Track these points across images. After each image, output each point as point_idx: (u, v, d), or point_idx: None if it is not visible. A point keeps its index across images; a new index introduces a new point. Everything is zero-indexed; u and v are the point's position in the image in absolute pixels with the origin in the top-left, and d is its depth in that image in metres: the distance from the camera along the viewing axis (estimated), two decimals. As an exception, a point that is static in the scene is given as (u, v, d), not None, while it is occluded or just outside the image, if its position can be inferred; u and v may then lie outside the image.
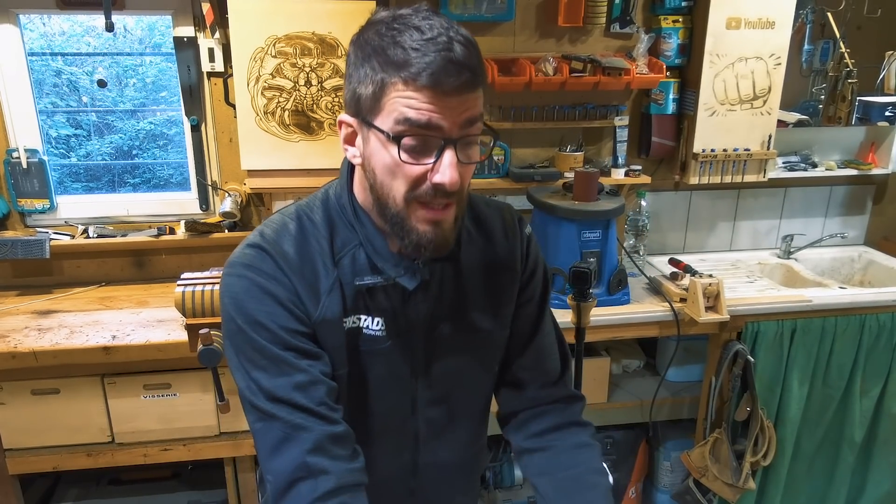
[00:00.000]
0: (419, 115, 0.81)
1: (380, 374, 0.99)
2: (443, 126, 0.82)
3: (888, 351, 2.28)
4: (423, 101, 0.81)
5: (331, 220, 0.96)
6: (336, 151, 2.24)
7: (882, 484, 2.47)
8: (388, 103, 0.82)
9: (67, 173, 2.84)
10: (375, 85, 0.83)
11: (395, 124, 0.82)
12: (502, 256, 1.05)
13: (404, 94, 0.81)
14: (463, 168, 0.85)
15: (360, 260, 0.95)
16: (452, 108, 0.82)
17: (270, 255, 0.92)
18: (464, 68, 0.80)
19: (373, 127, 0.84)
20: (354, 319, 0.96)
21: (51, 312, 2.13)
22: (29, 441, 2.01)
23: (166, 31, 2.38)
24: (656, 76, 2.33)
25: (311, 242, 0.94)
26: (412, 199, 0.86)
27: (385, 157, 0.85)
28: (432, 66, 0.79)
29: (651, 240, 2.60)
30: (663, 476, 2.53)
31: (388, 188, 0.87)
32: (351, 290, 0.95)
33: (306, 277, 0.93)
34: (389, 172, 0.86)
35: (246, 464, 2.17)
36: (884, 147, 2.69)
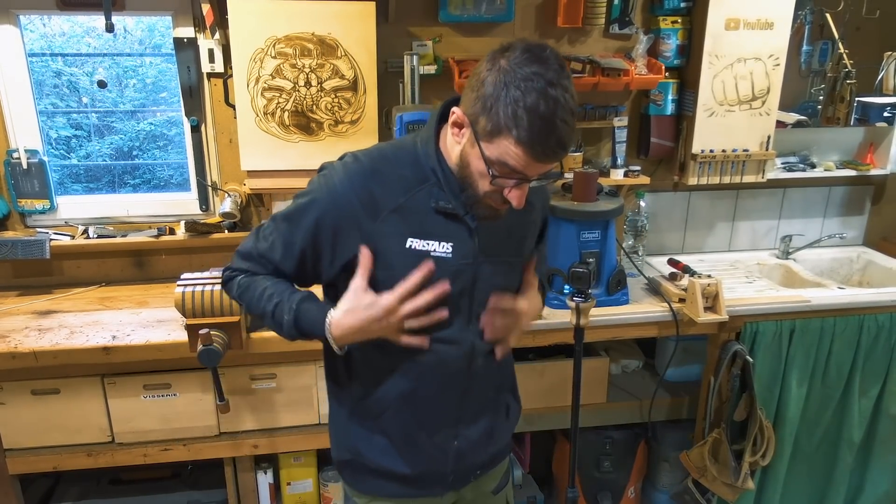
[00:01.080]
0: (515, 165, 1.08)
1: (450, 288, 1.20)
2: (527, 174, 1.10)
3: (887, 351, 2.28)
4: (522, 158, 1.07)
5: (416, 160, 1.20)
6: (335, 152, 2.21)
7: (880, 484, 2.47)
8: (498, 143, 1.07)
9: (67, 174, 2.84)
10: (495, 126, 1.06)
11: (497, 161, 1.09)
12: (537, 205, 1.33)
13: (512, 147, 1.06)
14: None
15: (435, 194, 1.19)
16: (539, 168, 1.10)
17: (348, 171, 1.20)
18: (559, 148, 1.07)
19: (478, 144, 1.10)
20: (424, 244, 1.19)
21: (51, 313, 2.13)
22: (29, 441, 2.01)
23: (166, 31, 2.38)
24: (655, 77, 2.33)
25: (391, 172, 1.19)
26: (487, 196, 1.14)
27: (481, 166, 1.11)
28: (540, 144, 1.05)
29: (650, 240, 2.60)
30: (662, 476, 2.53)
31: (475, 182, 1.14)
32: (423, 217, 1.18)
33: (373, 197, 1.17)
34: (480, 175, 1.13)
35: (245, 464, 2.18)
36: (882, 147, 2.69)
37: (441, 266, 1.19)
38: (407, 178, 1.19)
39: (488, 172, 1.10)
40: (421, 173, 1.19)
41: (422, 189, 1.19)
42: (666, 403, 2.42)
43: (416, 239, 1.18)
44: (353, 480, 1.42)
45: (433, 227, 1.19)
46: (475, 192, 1.15)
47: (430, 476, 1.37)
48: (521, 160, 1.07)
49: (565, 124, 1.05)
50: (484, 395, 1.38)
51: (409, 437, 1.33)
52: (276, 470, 2.27)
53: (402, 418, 1.32)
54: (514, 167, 1.08)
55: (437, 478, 1.38)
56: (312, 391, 2.09)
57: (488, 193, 1.14)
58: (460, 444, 1.36)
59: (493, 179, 1.10)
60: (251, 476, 2.21)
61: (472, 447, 1.39)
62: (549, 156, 1.07)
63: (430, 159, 1.19)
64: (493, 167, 1.09)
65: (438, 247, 1.19)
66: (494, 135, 1.07)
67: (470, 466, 1.41)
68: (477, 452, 1.40)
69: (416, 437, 1.33)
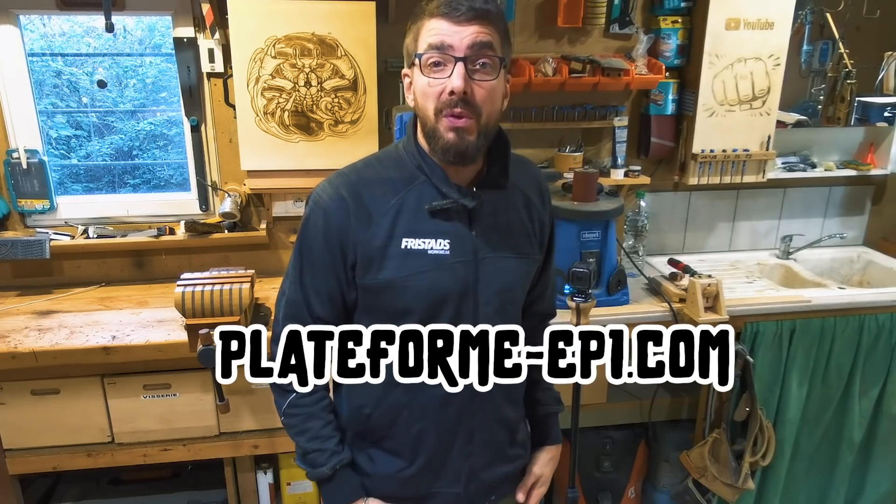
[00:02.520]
0: (434, 38, 1.08)
1: (448, 285, 1.19)
2: (453, 45, 1.08)
3: (887, 351, 2.28)
4: (438, 29, 1.08)
5: (401, 162, 1.21)
6: (335, 152, 2.24)
7: (881, 484, 2.47)
8: (420, 39, 1.11)
9: (67, 174, 2.84)
10: (414, 32, 1.13)
11: (424, 52, 1.10)
12: (534, 198, 1.31)
13: (427, 27, 1.10)
14: (475, 85, 1.10)
15: (426, 192, 1.18)
16: (460, 33, 1.08)
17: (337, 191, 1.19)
18: (467, 2, 1.07)
19: (413, 63, 1.12)
20: (419, 242, 1.17)
21: (51, 313, 2.13)
22: (29, 441, 2.01)
23: (166, 31, 2.38)
24: (655, 77, 2.33)
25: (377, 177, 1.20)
26: (439, 111, 1.11)
27: (421, 82, 1.12)
28: (443, 2, 1.08)
29: (650, 240, 2.60)
30: (662, 476, 2.53)
31: (425, 108, 1.13)
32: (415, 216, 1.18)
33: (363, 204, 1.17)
34: (423, 95, 1.12)
35: (246, 464, 2.18)
36: (883, 147, 2.69)
37: (440, 264, 1.18)
38: (394, 181, 1.19)
39: (422, 70, 1.10)
40: (407, 173, 1.20)
41: (411, 189, 1.19)
42: (666, 403, 2.42)
43: (412, 238, 1.17)
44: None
45: (428, 225, 1.18)
46: (431, 122, 1.13)
47: (441, 497, 1.30)
48: (439, 28, 1.08)
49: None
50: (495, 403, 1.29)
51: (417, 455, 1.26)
52: (276, 470, 2.27)
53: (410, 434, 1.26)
54: (435, 42, 1.08)
55: (450, 499, 1.31)
56: (312, 391, 2.08)
57: (438, 108, 1.11)
58: (472, 463, 1.30)
59: (427, 68, 1.10)
60: (251, 476, 2.21)
61: (485, 466, 1.32)
62: (464, 11, 1.07)
63: (413, 156, 1.20)
64: (424, 60, 1.10)
65: (435, 244, 1.18)
66: (417, 35, 1.12)
67: (484, 489, 1.33)
68: (489, 471, 1.33)
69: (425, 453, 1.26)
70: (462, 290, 1.20)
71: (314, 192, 1.22)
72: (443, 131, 1.12)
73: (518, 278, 1.29)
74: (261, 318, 2.05)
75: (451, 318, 1.20)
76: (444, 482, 1.29)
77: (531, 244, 1.30)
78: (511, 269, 1.26)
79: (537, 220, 1.31)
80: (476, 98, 1.10)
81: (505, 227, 1.25)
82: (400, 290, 1.18)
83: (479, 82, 1.10)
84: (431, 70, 1.10)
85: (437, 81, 1.10)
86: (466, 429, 1.27)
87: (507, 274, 1.25)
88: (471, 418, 1.26)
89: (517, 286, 1.30)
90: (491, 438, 1.31)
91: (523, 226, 1.28)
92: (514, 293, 1.29)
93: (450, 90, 1.08)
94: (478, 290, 1.22)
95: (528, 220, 1.29)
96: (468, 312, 1.22)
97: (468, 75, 1.08)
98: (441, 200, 1.17)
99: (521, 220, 1.28)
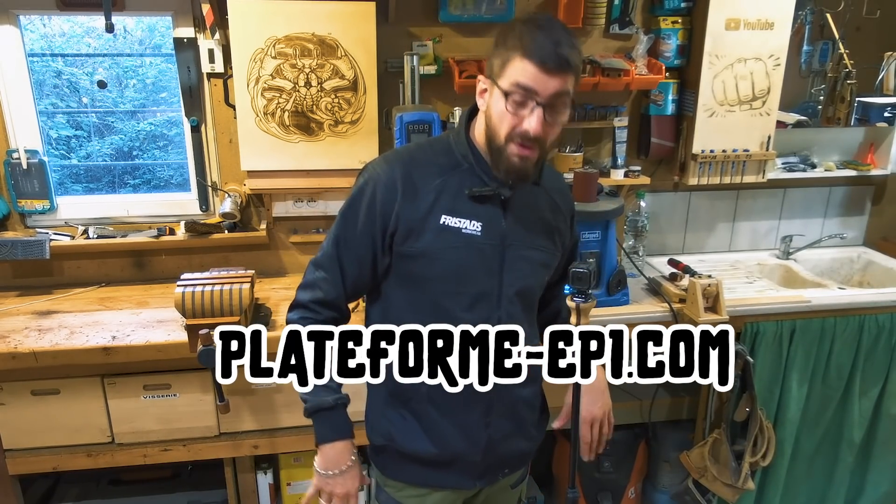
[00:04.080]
0: (522, 80, 1.18)
1: (475, 263, 1.31)
2: (538, 91, 1.18)
3: (887, 351, 2.28)
4: (531, 71, 1.17)
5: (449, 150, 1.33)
6: (335, 152, 2.24)
7: (881, 484, 2.47)
8: (509, 69, 1.19)
9: (67, 174, 2.84)
10: (504, 58, 1.20)
11: (509, 85, 1.19)
12: (561, 204, 1.44)
13: (520, 66, 1.18)
14: (547, 126, 1.22)
15: (468, 178, 1.31)
16: (548, 83, 1.18)
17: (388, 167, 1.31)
18: (563, 59, 1.17)
19: (496, 85, 1.22)
20: (456, 221, 1.29)
21: (51, 313, 2.13)
22: (29, 441, 2.01)
23: (166, 32, 2.38)
24: (655, 77, 2.33)
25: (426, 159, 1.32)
26: (510, 138, 1.23)
27: (500, 106, 1.22)
28: (542, 51, 1.16)
29: (650, 240, 2.60)
30: (663, 476, 2.53)
31: (497, 129, 1.24)
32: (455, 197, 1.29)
33: (412, 181, 1.29)
34: (500, 118, 1.23)
35: (245, 464, 2.18)
36: (883, 148, 2.69)
37: (470, 242, 1.30)
38: (441, 165, 1.31)
39: (505, 103, 1.20)
40: (454, 160, 1.32)
41: (455, 173, 1.31)
42: (666, 404, 2.42)
43: (450, 216, 1.29)
44: (384, 467, 1.46)
45: (465, 207, 1.30)
46: (499, 142, 1.24)
47: (461, 463, 1.40)
48: (529, 73, 1.17)
49: (567, 36, 1.18)
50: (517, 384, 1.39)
51: (440, 420, 1.37)
52: (276, 470, 2.27)
53: (434, 402, 1.35)
54: (525, 84, 1.17)
55: (468, 467, 1.41)
56: (312, 391, 2.08)
57: (511, 136, 1.22)
58: (492, 433, 1.39)
59: (510, 104, 1.19)
60: (251, 476, 2.21)
61: (504, 437, 1.41)
62: (554, 66, 1.16)
63: (461, 146, 1.32)
64: (509, 96, 1.19)
65: (469, 224, 1.30)
66: (506, 63, 1.20)
67: (500, 460, 1.44)
68: (508, 444, 1.43)
69: (447, 420, 1.37)
70: (487, 270, 1.32)
71: (370, 165, 1.35)
72: (509, 155, 1.24)
73: (538, 268, 1.40)
74: (261, 319, 2.05)
75: (476, 294, 1.32)
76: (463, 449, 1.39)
77: (553, 243, 1.42)
78: (533, 259, 1.38)
79: (562, 223, 1.44)
80: (545, 136, 1.23)
81: (532, 221, 1.37)
82: (431, 260, 1.30)
83: (551, 123, 1.23)
84: (514, 104, 1.20)
85: (517, 115, 1.21)
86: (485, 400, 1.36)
87: (528, 263, 1.37)
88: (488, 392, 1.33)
89: (538, 274, 1.41)
90: (508, 412, 1.41)
91: (548, 224, 1.40)
92: (534, 279, 1.40)
93: (526, 129, 1.21)
94: (502, 272, 1.33)
95: (552, 220, 1.41)
96: (493, 291, 1.33)
97: (544, 118, 1.20)
98: (482, 187, 1.30)
99: (547, 220, 1.40)
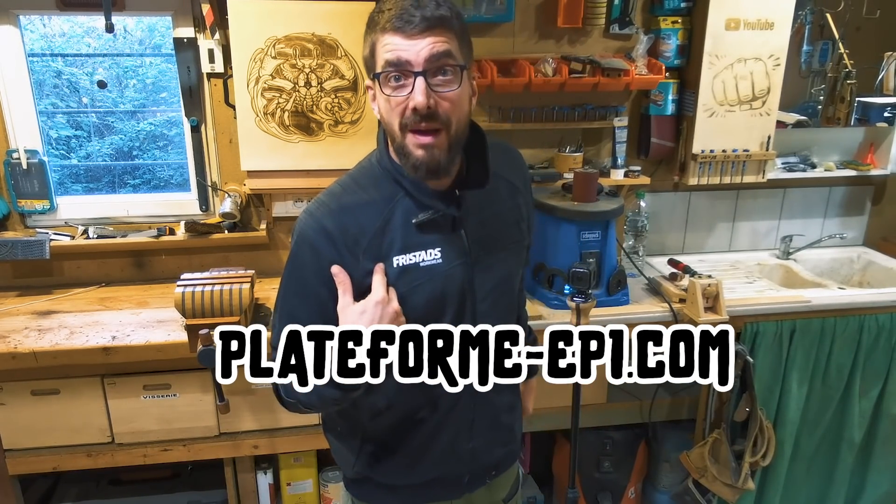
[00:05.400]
0: (390, 55, 1.04)
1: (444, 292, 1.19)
2: (410, 60, 1.04)
3: (887, 351, 2.28)
4: (393, 44, 1.04)
5: (377, 180, 1.18)
6: (335, 152, 2.24)
7: (881, 484, 2.47)
8: (378, 55, 1.07)
9: (67, 174, 2.84)
10: (370, 43, 1.08)
11: (381, 67, 1.06)
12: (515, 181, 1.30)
13: (382, 42, 1.05)
14: (440, 97, 1.06)
15: (409, 206, 1.16)
16: (417, 47, 1.03)
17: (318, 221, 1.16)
18: (425, 16, 1.02)
19: (374, 78, 1.09)
20: (411, 257, 1.16)
21: (51, 313, 2.13)
22: (29, 441, 2.01)
23: (166, 32, 2.38)
24: (655, 77, 2.33)
25: (357, 201, 1.16)
26: (404, 127, 1.08)
27: (382, 99, 1.09)
28: (394, 15, 1.03)
29: (650, 240, 2.60)
30: (663, 477, 2.53)
31: (391, 124, 1.10)
32: (403, 232, 1.16)
33: (350, 233, 1.14)
34: (388, 111, 1.09)
35: (245, 464, 2.18)
36: (883, 148, 2.69)
37: (432, 273, 1.18)
38: (375, 201, 1.17)
39: (383, 89, 1.07)
40: (387, 191, 1.17)
41: (394, 206, 1.17)
42: (666, 404, 2.42)
43: (402, 255, 1.16)
44: (364, 497, 1.39)
45: (416, 238, 1.17)
46: (398, 139, 1.10)
47: (445, 481, 1.35)
48: (394, 45, 1.04)
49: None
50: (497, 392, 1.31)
51: (420, 447, 1.31)
52: (276, 470, 2.27)
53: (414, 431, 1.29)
54: (393, 58, 1.04)
55: (453, 481, 1.36)
56: (312, 391, 2.08)
57: (403, 124, 1.08)
58: (475, 446, 1.34)
59: (387, 87, 1.06)
60: (251, 476, 2.21)
61: (488, 448, 1.37)
62: (418, 25, 1.03)
63: (389, 172, 1.17)
64: (383, 78, 1.06)
65: (426, 255, 1.18)
66: (373, 49, 1.08)
67: (485, 466, 1.39)
68: (493, 453, 1.39)
69: (428, 445, 1.30)
70: (459, 292, 1.22)
71: (298, 225, 1.20)
72: (411, 148, 1.09)
73: (513, 269, 1.32)
74: (261, 319, 2.05)
75: (452, 318, 1.21)
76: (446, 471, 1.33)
77: (520, 230, 1.31)
78: (505, 261, 1.28)
79: (524, 204, 1.32)
80: (441, 110, 1.07)
81: (493, 221, 1.25)
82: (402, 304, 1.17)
83: (443, 94, 1.07)
84: (392, 87, 1.06)
85: (399, 98, 1.06)
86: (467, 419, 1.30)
87: (500, 269, 1.27)
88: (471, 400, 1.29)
89: (513, 276, 1.32)
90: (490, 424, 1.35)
91: (511, 213, 1.29)
92: (509, 284, 1.31)
93: (412, 107, 1.05)
94: (474, 289, 1.23)
95: (513, 207, 1.29)
96: (467, 310, 1.24)
97: (430, 89, 1.05)
98: (426, 212, 1.16)
99: (509, 209, 1.29)
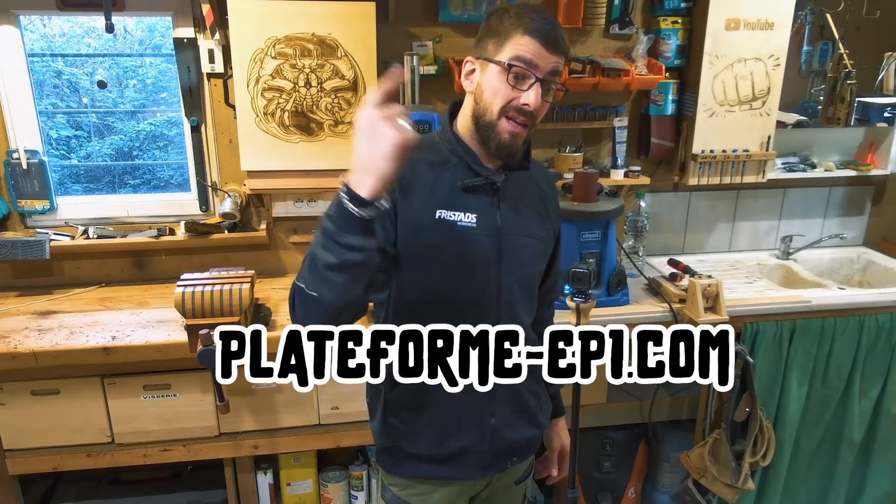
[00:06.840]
0: (524, 54, 1.23)
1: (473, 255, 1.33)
2: (538, 66, 1.23)
3: (887, 351, 2.28)
4: (530, 48, 1.23)
5: (436, 148, 1.35)
6: (335, 153, 2.24)
7: (881, 484, 2.47)
8: (508, 47, 1.24)
9: (67, 174, 2.84)
10: (502, 36, 1.25)
11: (511, 58, 1.23)
12: (548, 192, 1.48)
13: (521, 41, 1.23)
14: (540, 104, 1.25)
15: (458, 172, 1.33)
16: (546, 59, 1.24)
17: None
18: (560, 38, 1.25)
19: (491, 62, 1.26)
20: (451, 214, 1.31)
21: (51, 313, 2.13)
22: (29, 441, 2.01)
23: (166, 32, 2.38)
24: (655, 77, 2.33)
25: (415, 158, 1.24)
26: (503, 111, 1.26)
27: (494, 82, 1.25)
28: (540, 27, 1.23)
29: (650, 240, 2.60)
30: (662, 476, 2.53)
31: (490, 104, 1.26)
32: (449, 192, 1.31)
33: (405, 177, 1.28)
34: (493, 93, 1.26)
35: (245, 464, 2.18)
36: (883, 148, 2.70)
37: (466, 234, 1.32)
38: (431, 161, 1.34)
39: (507, 76, 1.23)
40: (442, 156, 1.34)
41: (445, 168, 1.33)
42: (666, 404, 2.42)
43: (444, 210, 1.31)
44: (389, 465, 1.46)
45: (459, 200, 1.32)
46: (491, 118, 1.26)
47: (468, 456, 1.41)
48: (531, 48, 1.22)
49: (557, 24, 1.26)
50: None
51: (442, 418, 1.37)
52: (276, 470, 2.27)
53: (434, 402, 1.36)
54: (527, 58, 1.22)
55: (475, 458, 1.41)
56: (312, 392, 2.08)
57: (505, 109, 1.25)
58: (496, 421, 1.40)
59: (511, 77, 1.23)
60: (251, 476, 2.21)
61: (509, 425, 1.43)
62: (553, 43, 1.23)
63: (449, 142, 1.35)
64: (511, 68, 1.23)
65: (464, 217, 1.32)
66: (504, 41, 1.24)
67: (507, 448, 1.45)
68: (514, 432, 1.44)
69: (449, 417, 1.37)
70: (486, 260, 1.34)
71: None
72: (501, 131, 1.27)
73: (536, 256, 1.44)
74: (261, 319, 2.05)
75: (479, 283, 1.34)
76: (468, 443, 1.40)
77: (546, 230, 1.45)
78: (530, 247, 1.41)
79: (552, 211, 1.48)
80: (535, 112, 1.26)
81: (525, 209, 1.40)
82: (436, 253, 1.31)
83: (544, 102, 1.27)
84: (514, 78, 1.23)
85: (515, 90, 1.24)
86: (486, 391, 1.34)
87: (525, 251, 1.40)
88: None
89: (536, 262, 1.45)
90: (511, 400, 1.42)
91: (539, 213, 1.44)
92: (532, 267, 1.44)
93: (524, 103, 1.24)
94: (500, 261, 1.36)
95: (542, 208, 1.45)
96: (492, 281, 1.36)
97: (541, 95, 1.25)
98: (473, 178, 1.32)
99: (538, 208, 1.44)
